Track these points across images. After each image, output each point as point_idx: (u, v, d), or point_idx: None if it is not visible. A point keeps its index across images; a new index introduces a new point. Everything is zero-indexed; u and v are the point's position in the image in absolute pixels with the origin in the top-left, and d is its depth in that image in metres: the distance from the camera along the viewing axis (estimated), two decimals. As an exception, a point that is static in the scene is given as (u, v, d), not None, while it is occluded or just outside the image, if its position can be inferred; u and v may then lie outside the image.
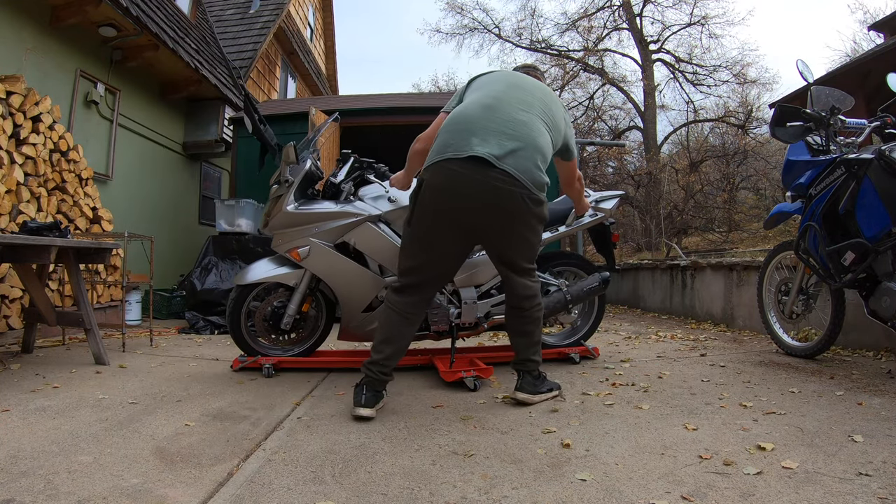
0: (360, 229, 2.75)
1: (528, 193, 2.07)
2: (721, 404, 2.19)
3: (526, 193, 2.06)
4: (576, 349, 3.15)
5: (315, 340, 3.05)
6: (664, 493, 1.38)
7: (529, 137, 2.11)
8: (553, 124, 2.25)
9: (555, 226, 3.08)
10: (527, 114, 2.17)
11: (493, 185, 2.02)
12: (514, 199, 2.05)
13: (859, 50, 14.27)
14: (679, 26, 17.42)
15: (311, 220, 2.76)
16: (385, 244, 2.75)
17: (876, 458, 1.56)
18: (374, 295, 2.79)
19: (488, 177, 2.02)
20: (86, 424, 1.98)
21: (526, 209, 2.08)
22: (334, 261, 2.76)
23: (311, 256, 2.76)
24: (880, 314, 2.42)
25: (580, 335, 3.27)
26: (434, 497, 1.40)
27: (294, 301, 2.87)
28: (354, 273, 2.76)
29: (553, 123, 2.26)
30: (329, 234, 2.76)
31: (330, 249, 2.76)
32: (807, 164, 2.80)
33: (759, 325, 3.68)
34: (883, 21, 10.70)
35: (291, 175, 2.78)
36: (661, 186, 12.69)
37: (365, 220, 2.76)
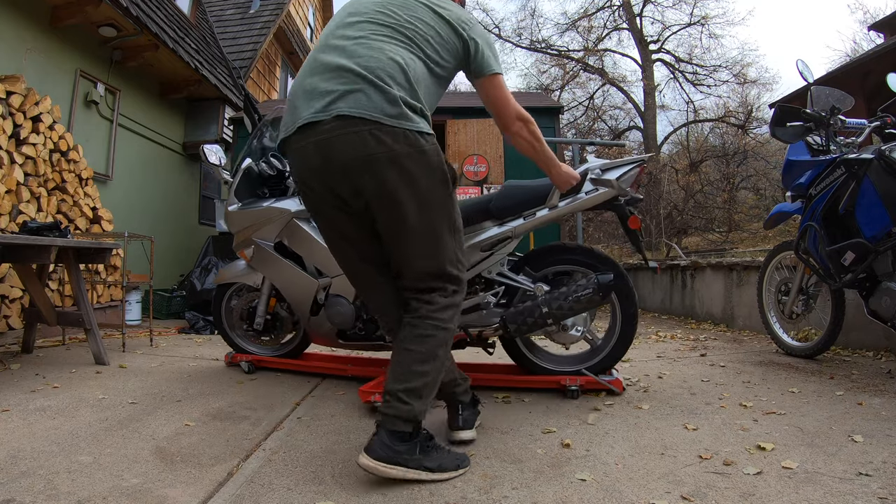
0: (288, 228, 2.56)
1: (378, 127, 1.45)
2: (721, 404, 2.19)
3: (373, 128, 1.45)
4: (578, 379, 2.37)
5: (299, 342, 2.94)
6: (664, 493, 1.38)
7: (365, 60, 1.51)
8: (421, 32, 1.61)
9: (527, 210, 2.32)
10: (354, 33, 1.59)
11: (327, 139, 1.48)
12: (359, 144, 1.46)
13: (859, 50, 14.27)
14: (679, 26, 17.44)
15: (250, 220, 2.63)
16: (309, 243, 2.52)
17: (876, 458, 1.56)
18: (312, 297, 2.55)
19: (321, 134, 1.49)
20: (86, 424, 1.97)
21: (383, 153, 1.46)
22: (272, 261, 2.61)
23: (255, 257, 2.67)
24: (880, 314, 2.42)
25: (596, 360, 2.43)
26: (434, 497, 1.40)
27: (261, 301, 2.82)
28: (290, 274, 2.58)
29: (421, 31, 1.61)
30: (268, 234, 2.61)
31: (269, 250, 2.62)
32: (807, 164, 2.79)
33: (759, 325, 3.68)
34: (883, 21, 10.71)
35: (231, 176, 2.74)
36: (661, 186, 12.69)
37: (290, 217, 2.54)
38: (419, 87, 1.55)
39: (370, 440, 1.49)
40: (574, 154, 6.71)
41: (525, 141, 1.77)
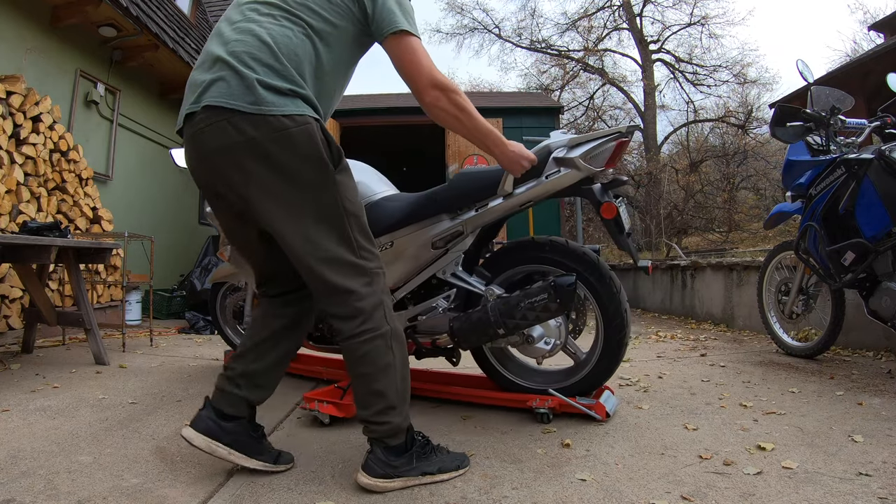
0: None
1: (238, 115, 1.35)
2: (721, 404, 2.19)
3: (231, 117, 1.35)
4: (549, 399, 2.00)
5: None
6: (664, 493, 1.38)
7: (232, 45, 1.41)
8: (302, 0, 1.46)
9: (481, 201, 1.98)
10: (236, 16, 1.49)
11: (198, 131, 1.41)
12: (221, 135, 1.37)
13: (859, 50, 14.27)
14: (679, 26, 17.45)
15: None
16: None
17: (876, 458, 1.56)
18: None
19: (194, 127, 1.42)
20: (86, 424, 1.98)
21: (244, 143, 1.35)
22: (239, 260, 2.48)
23: (231, 256, 2.62)
24: (880, 314, 2.42)
25: (576, 379, 2.06)
26: (434, 497, 1.40)
27: (247, 300, 2.80)
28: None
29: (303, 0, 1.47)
30: None
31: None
32: (807, 164, 2.80)
33: (759, 325, 3.69)
34: (883, 21, 10.71)
35: None
36: (661, 186, 12.69)
37: None
38: (297, 64, 1.40)
39: (366, 458, 1.47)
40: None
41: (445, 114, 1.48)
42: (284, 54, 1.39)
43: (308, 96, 1.40)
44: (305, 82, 1.41)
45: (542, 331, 1.97)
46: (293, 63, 1.40)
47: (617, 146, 1.85)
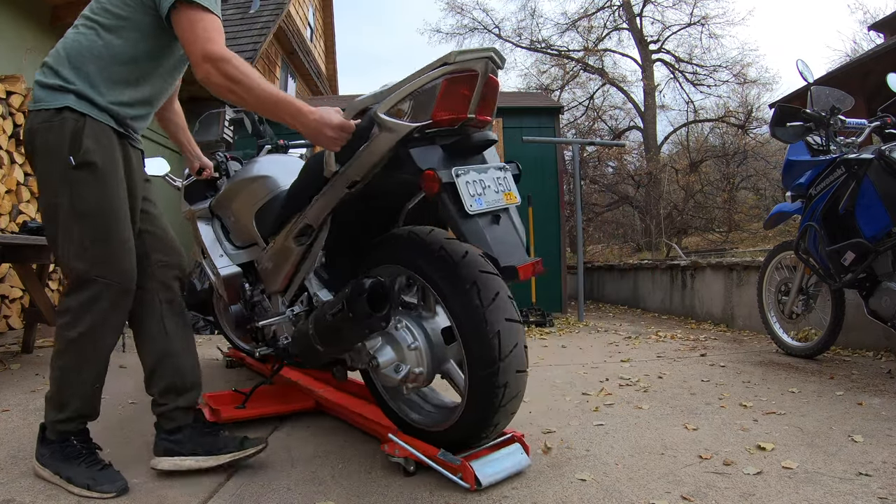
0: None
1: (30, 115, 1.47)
2: (721, 404, 2.19)
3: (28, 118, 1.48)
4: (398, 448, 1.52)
5: None
6: (664, 493, 1.39)
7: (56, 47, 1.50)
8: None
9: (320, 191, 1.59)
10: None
11: None
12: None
13: (859, 50, 14.27)
14: (679, 26, 17.41)
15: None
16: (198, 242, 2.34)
17: (876, 458, 1.56)
18: None
19: None
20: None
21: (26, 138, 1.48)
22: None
23: None
24: (880, 314, 2.42)
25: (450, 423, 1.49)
26: (434, 497, 1.40)
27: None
28: None
29: None
30: None
31: None
32: (807, 164, 2.80)
33: (759, 325, 3.69)
34: (883, 21, 10.71)
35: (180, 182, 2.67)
36: (661, 186, 12.69)
37: (194, 216, 2.42)
38: (80, 64, 1.44)
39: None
40: (574, 154, 6.71)
41: (221, 88, 1.36)
42: (68, 56, 1.45)
43: (80, 91, 1.42)
44: (90, 78, 1.44)
45: (392, 354, 1.51)
46: (76, 63, 1.44)
47: (444, 86, 1.29)
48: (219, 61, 1.34)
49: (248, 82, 1.35)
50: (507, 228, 1.38)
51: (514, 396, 1.40)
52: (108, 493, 1.39)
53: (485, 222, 1.35)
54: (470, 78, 1.31)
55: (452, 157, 1.37)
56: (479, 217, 1.34)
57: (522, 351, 1.40)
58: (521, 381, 1.41)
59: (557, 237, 6.15)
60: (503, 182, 1.41)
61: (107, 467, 1.47)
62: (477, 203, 1.33)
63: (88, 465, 1.45)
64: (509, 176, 1.45)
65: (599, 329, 4.89)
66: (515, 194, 1.43)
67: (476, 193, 1.35)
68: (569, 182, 9.91)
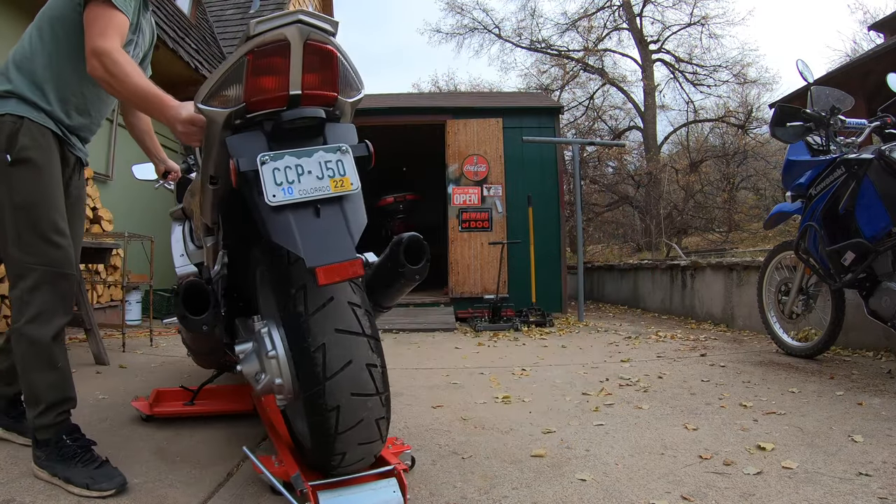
0: None
1: None
2: (721, 404, 2.19)
3: None
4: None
5: None
6: (664, 493, 1.38)
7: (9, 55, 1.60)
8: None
9: None
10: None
11: None
12: None
13: (859, 50, 14.26)
14: (679, 26, 17.42)
15: None
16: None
17: (876, 458, 1.56)
18: None
19: None
20: (86, 424, 1.97)
21: None
22: None
23: None
24: (880, 314, 2.42)
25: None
26: (434, 497, 1.40)
27: None
28: None
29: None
30: None
31: None
32: (807, 164, 2.80)
33: (759, 325, 3.69)
34: (883, 21, 10.70)
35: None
36: (661, 186, 12.69)
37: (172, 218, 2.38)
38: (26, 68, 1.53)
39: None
40: (574, 154, 6.71)
41: (101, 81, 1.43)
42: (14, 63, 1.54)
43: (23, 96, 1.51)
44: (35, 82, 1.52)
45: (256, 362, 1.32)
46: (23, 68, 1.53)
47: (250, 63, 1.14)
48: (102, 55, 1.38)
49: (121, 76, 1.38)
50: (330, 222, 1.14)
51: (356, 424, 1.16)
52: (107, 491, 1.39)
53: (298, 215, 1.13)
54: (279, 49, 1.13)
55: (280, 143, 1.17)
56: (290, 209, 1.12)
57: (363, 370, 1.15)
58: (365, 407, 1.16)
59: (557, 237, 6.15)
60: (333, 166, 1.16)
61: (104, 464, 1.47)
62: (284, 193, 1.12)
63: (85, 463, 1.45)
64: (346, 159, 1.18)
65: (599, 329, 4.89)
66: (351, 180, 1.16)
67: (285, 182, 1.13)
68: (569, 182, 9.91)
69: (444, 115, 6.37)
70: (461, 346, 3.97)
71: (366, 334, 1.18)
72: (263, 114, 1.18)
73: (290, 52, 1.13)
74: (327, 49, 1.18)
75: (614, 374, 2.83)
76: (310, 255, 1.09)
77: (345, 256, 1.10)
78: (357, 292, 1.21)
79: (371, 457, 1.27)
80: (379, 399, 1.19)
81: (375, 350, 1.20)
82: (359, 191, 1.18)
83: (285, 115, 1.17)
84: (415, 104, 7.45)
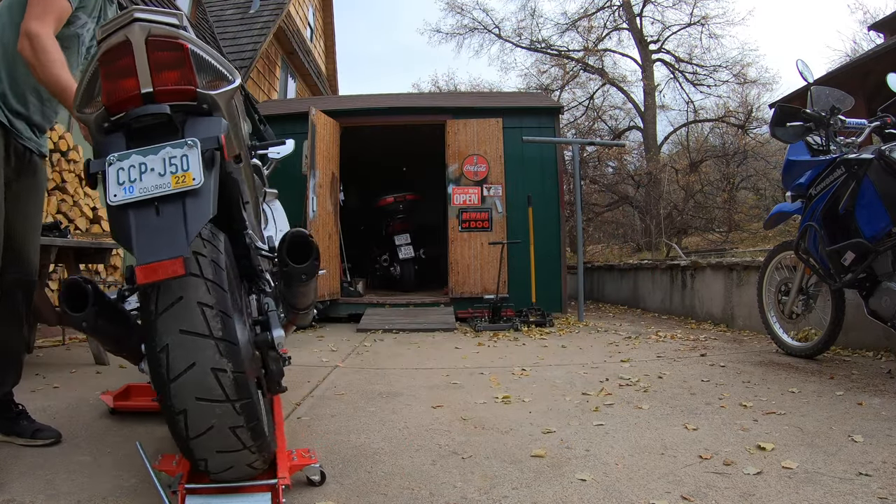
0: None
1: None
2: (721, 404, 2.19)
3: None
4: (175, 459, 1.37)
5: None
6: (664, 493, 1.38)
7: None
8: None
9: None
10: None
11: None
12: None
13: (859, 50, 14.26)
14: (679, 26, 17.42)
15: None
16: None
17: (876, 458, 1.56)
18: None
19: None
20: (85, 424, 1.97)
21: None
22: None
23: None
24: (880, 314, 2.42)
25: None
26: (434, 497, 1.40)
27: None
28: None
29: None
30: None
31: None
32: (807, 164, 2.80)
33: (759, 325, 3.69)
34: (883, 21, 10.70)
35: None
36: (661, 186, 12.69)
37: None
38: None
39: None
40: (574, 154, 6.71)
41: (28, 61, 1.46)
42: None
43: None
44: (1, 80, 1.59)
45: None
46: None
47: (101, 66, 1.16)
48: (33, 37, 1.42)
49: (46, 63, 1.42)
50: (169, 219, 1.11)
51: (207, 430, 1.12)
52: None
53: (139, 214, 1.10)
54: (123, 50, 1.13)
55: (139, 142, 1.16)
56: (133, 208, 1.11)
57: (207, 374, 1.10)
58: (213, 413, 1.11)
59: (557, 237, 6.14)
60: (178, 162, 1.13)
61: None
62: (125, 192, 1.10)
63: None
64: (192, 154, 1.13)
65: (599, 329, 4.89)
66: (194, 175, 1.12)
67: (127, 181, 1.12)
68: (569, 182, 9.91)
69: (444, 115, 6.37)
70: (461, 346, 3.97)
71: (214, 336, 1.11)
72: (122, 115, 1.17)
73: (133, 51, 1.13)
74: (175, 42, 1.16)
75: (614, 374, 2.83)
76: (139, 254, 1.07)
77: (168, 255, 1.06)
78: (213, 292, 1.14)
79: (245, 467, 1.22)
80: (231, 406, 1.12)
81: (226, 354, 1.12)
82: (202, 185, 1.11)
83: (129, 115, 1.16)
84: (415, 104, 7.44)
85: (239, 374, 1.13)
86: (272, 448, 1.32)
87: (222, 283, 1.18)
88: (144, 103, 1.15)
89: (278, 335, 1.38)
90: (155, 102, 1.15)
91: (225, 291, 1.18)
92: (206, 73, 1.22)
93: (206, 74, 1.22)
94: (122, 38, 1.12)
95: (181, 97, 1.18)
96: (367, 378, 2.83)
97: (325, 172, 5.84)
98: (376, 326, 5.03)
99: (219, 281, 1.17)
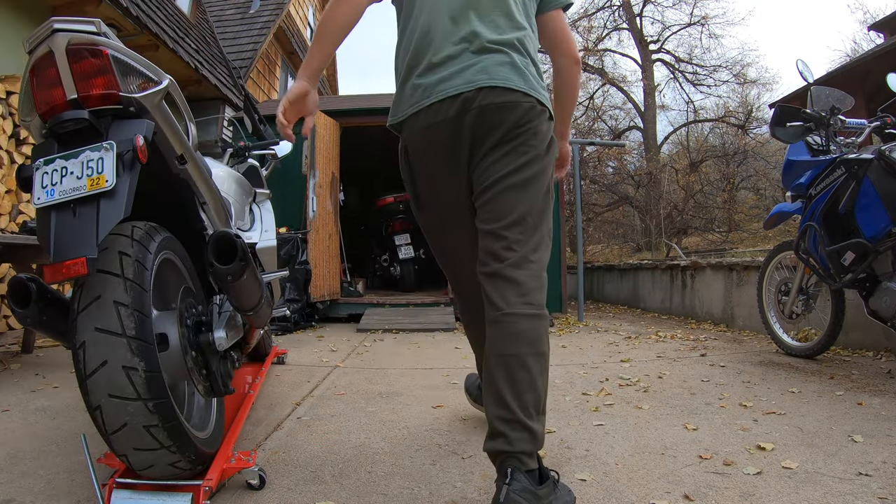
0: None
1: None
2: (721, 404, 2.19)
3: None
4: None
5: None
6: (664, 493, 1.38)
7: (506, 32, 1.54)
8: None
9: None
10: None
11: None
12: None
13: (859, 50, 14.27)
14: (679, 26, 17.42)
15: None
16: None
17: (876, 458, 1.56)
18: None
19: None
20: (86, 425, 1.97)
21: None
22: None
23: None
24: (880, 314, 2.42)
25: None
26: (434, 497, 1.40)
27: None
28: None
29: None
30: None
31: None
32: (807, 164, 2.80)
33: (759, 325, 3.69)
34: (883, 21, 10.70)
35: None
36: (661, 186, 12.70)
37: None
38: None
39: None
40: (574, 154, 6.70)
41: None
42: None
43: None
44: None
45: None
46: None
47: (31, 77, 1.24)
48: None
49: None
50: (82, 221, 1.14)
51: (121, 428, 1.14)
52: None
53: (59, 216, 1.15)
54: (46, 60, 1.19)
55: (68, 147, 1.20)
56: (54, 210, 1.16)
57: (119, 372, 1.12)
58: (126, 411, 1.13)
59: (557, 237, 6.14)
60: (94, 165, 1.17)
61: None
62: (47, 195, 1.16)
63: None
64: (107, 156, 1.17)
65: (599, 329, 4.89)
66: (107, 177, 1.15)
67: (49, 184, 1.17)
68: (569, 182, 9.90)
69: None
70: (461, 346, 3.97)
71: (126, 335, 1.14)
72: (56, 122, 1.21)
73: (55, 60, 1.18)
74: (95, 49, 1.21)
75: (614, 374, 2.83)
76: (53, 255, 1.12)
77: (74, 255, 1.10)
78: (131, 291, 1.17)
79: (167, 466, 1.23)
80: (144, 405, 1.14)
81: (138, 353, 1.14)
82: (115, 186, 1.15)
83: (51, 121, 1.21)
84: (415, 104, 7.44)
85: (152, 374, 1.15)
86: (203, 449, 1.32)
87: (143, 282, 1.21)
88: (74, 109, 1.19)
89: (219, 336, 1.43)
90: (82, 108, 1.20)
91: (145, 291, 1.21)
92: (132, 77, 1.27)
93: (132, 78, 1.27)
94: (45, 49, 1.18)
95: (106, 101, 1.22)
96: (368, 378, 2.83)
97: (325, 172, 5.84)
98: (376, 326, 5.03)
99: (139, 281, 1.20)
